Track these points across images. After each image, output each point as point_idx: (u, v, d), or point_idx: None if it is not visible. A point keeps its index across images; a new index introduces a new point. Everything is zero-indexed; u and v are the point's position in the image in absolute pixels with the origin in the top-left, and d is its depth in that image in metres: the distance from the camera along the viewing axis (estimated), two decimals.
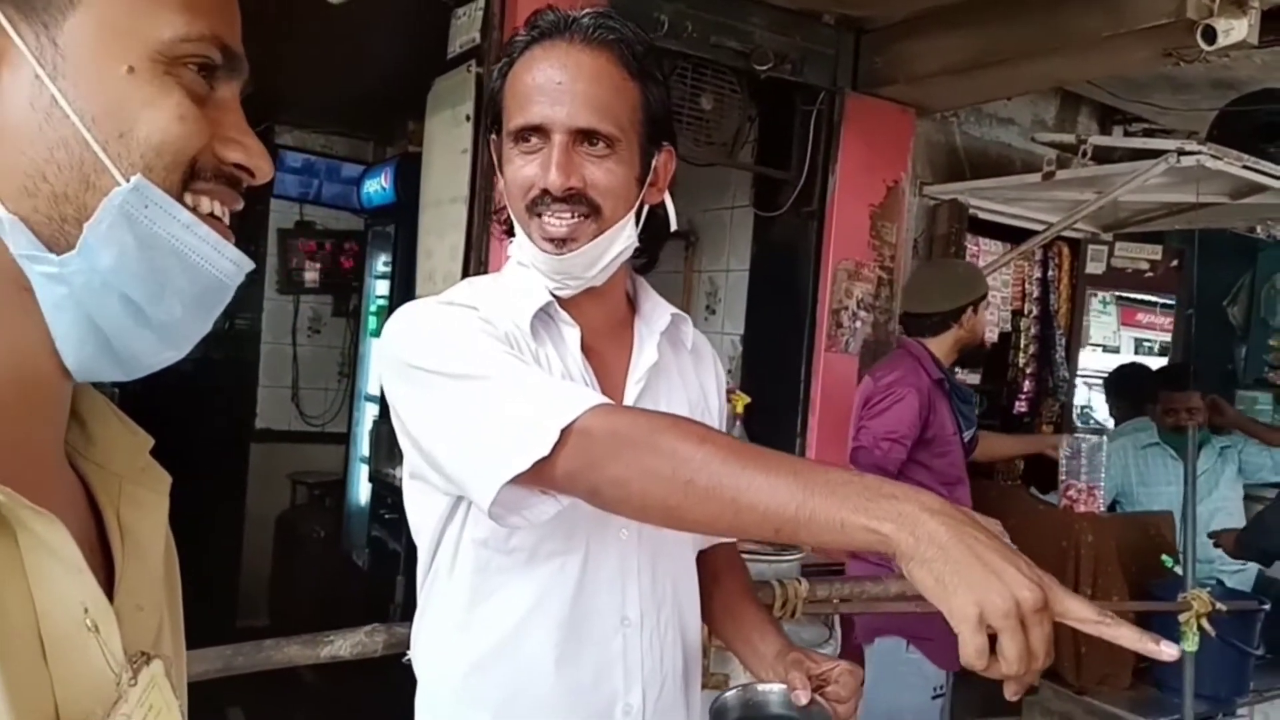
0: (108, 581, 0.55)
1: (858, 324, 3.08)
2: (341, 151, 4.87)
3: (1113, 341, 4.52)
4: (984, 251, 3.54)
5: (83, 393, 0.60)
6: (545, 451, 0.87)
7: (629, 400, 1.13)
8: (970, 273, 2.83)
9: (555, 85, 1.02)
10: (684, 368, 1.21)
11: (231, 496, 4.62)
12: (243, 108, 0.58)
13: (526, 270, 1.11)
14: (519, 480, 0.89)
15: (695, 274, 3.62)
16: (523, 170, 1.05)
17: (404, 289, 3.70)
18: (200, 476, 4.10)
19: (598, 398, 0.92)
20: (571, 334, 1.10)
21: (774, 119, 3.14)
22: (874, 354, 3.07)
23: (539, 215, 1.05)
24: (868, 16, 2.91)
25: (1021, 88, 3.23)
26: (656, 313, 1.18)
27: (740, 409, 3.10)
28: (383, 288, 4.35)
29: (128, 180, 0.51)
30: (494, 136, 1.11)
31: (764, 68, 2.80)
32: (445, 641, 1.11)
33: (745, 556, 1.99)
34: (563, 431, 0.87)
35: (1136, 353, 4.49)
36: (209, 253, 0.55)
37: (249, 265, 0.57)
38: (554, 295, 1.10)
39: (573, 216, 1.05)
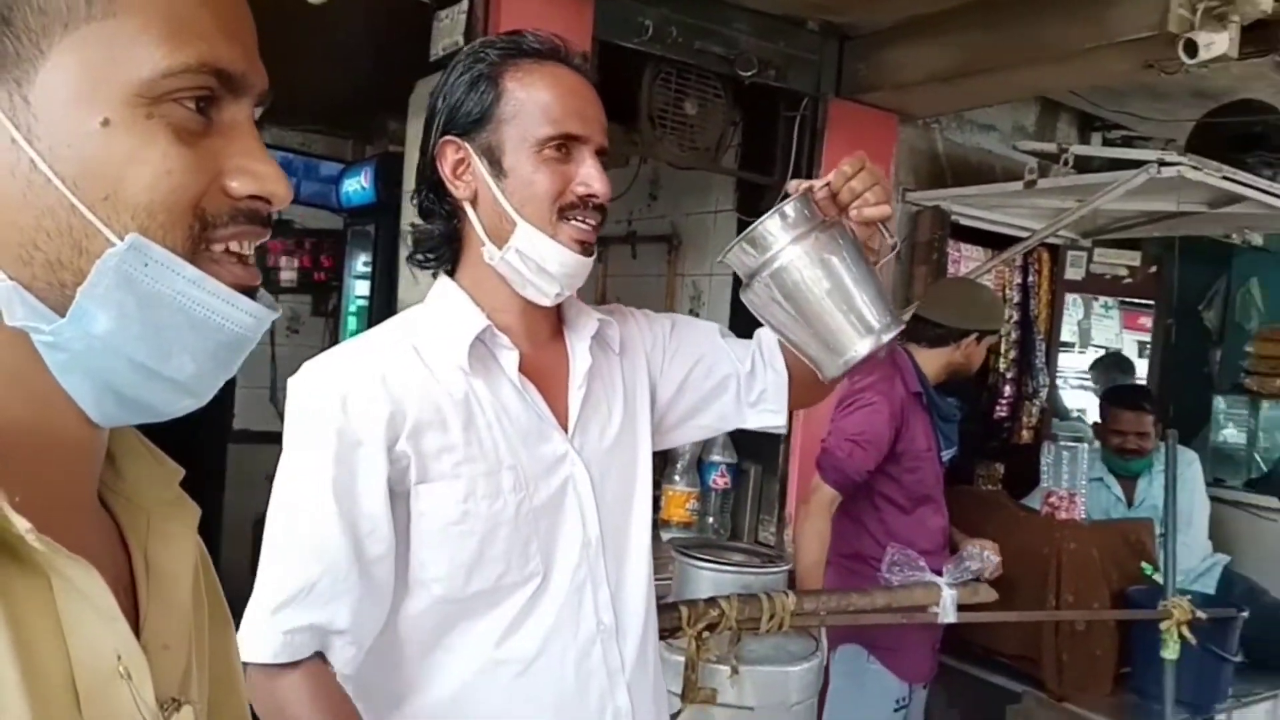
0: (135, 620, 0.55)
1: None
2: (320, 149, 4.82)
3: (1115, 344, 4.58)
4: (965, 258, 3.55)
5: (115, 429, 0.58)
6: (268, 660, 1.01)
7: (573, 409, 1.16)
8: (992, 302, 2.76)
9: (588, 103, 1.11)
10: (612, 370, 1.24)
11: (210, 497, 4.57)
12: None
13: (458, 298, 1.13)
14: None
15: (678, 277, 3.61)
16: (555, 175, 1.08)
17: (385, 289, 3.67)
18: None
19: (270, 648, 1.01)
20: (509, 357, 1.12)
21: (757, 124, 3.13)
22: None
23: (570, 220, 1.09)
24: (851, 23, 2.91)
25: (1004, 96, 3.24)
26: (582, 319, 1.22)
27: None
28: (362, 287, 4.31)
29: (122, 240, 0.48)
30: (453, 137, 1.10)
31: (748, 73, 2.79)
32: (409, 681, 1.11)
33: (732, 570, 1.99)
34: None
35: (1140, 356, 4.55)
36: (220, 306, 0.51)
37: (268, 315, 0.53)
38: (492, 320, 1.12)
39: (596, 224, 1.11)
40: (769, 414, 1.31)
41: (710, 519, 3.03)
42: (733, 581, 1.91)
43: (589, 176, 1.08)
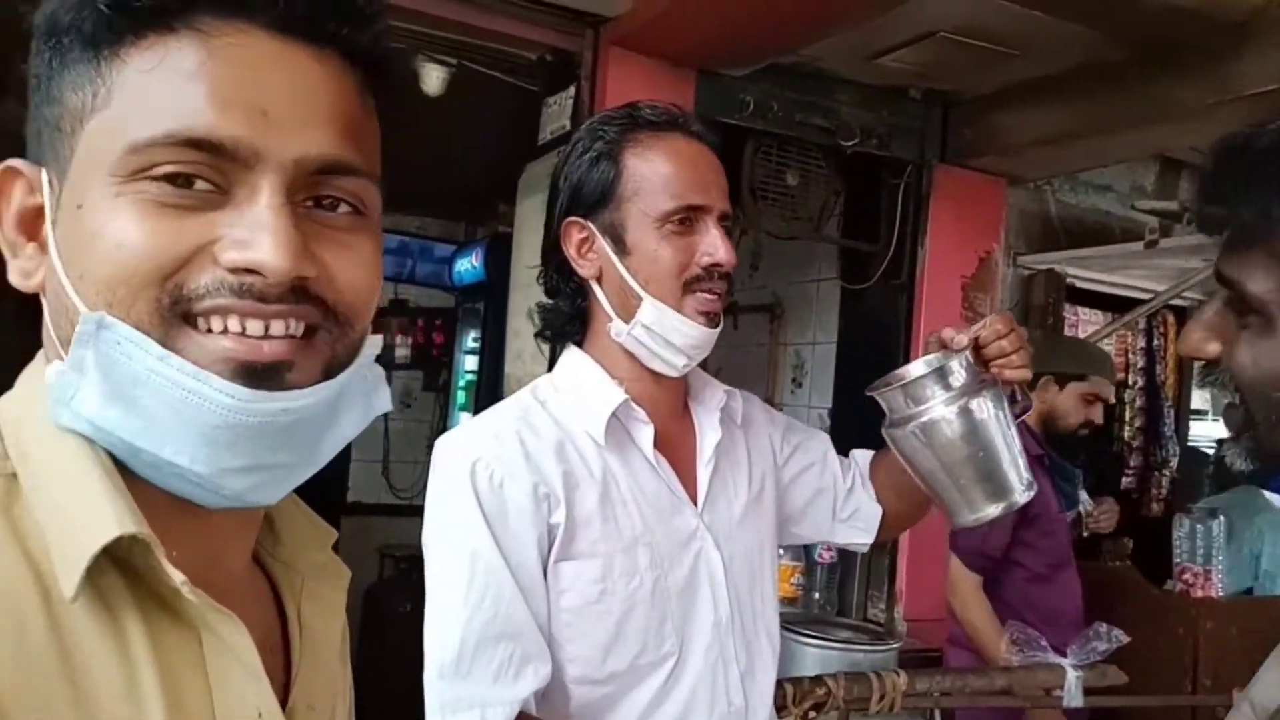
0: (286, 677, 0.57)
1: None
2: (434, 232, 5.05)
3: None
4: (1084, 321, 3.43)
5: None
6: None
7: (701, 484, 1.14)
8: (1072, 347, 2.66)
9: (708, 171, 1.11)
10: (736, 444, 1.22)
11: None
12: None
13: (591, 370, 1.13)
14: None
15: (781, 347, 3.59)
16: (679, 248, 1.08)
17: (493, 365, 3.77)
18: None
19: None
20: (645, 432, 1.11)
21: (861, 192, 3.12)
22: None
23: (696, 292, 1.09)
24: (956, 90, 2.89)
25: (1118, 156, 3.15)
26: (708, 391, 1.21)
27: None
28: (471, 363, 4.44)
29: (91, 319, 0.47)
30: (576, 218, 1.12)
31: (850, 143, 2.80)
32: None
33: (839, 648, 1.93)
34: None
35: None
36: (192, 385, 0.47)
37: (258, 397, 0.48)
38: (627, 394, 1.11)
39: (722, 293, 1.12)
40: (858, 532, 1.32)
41: (816, 595, 2.94)
42: (840, 659, 1.85)
43: (713, 246, 1.08)
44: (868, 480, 1.32)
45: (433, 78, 2.79)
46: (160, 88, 0.48)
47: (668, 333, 1.08)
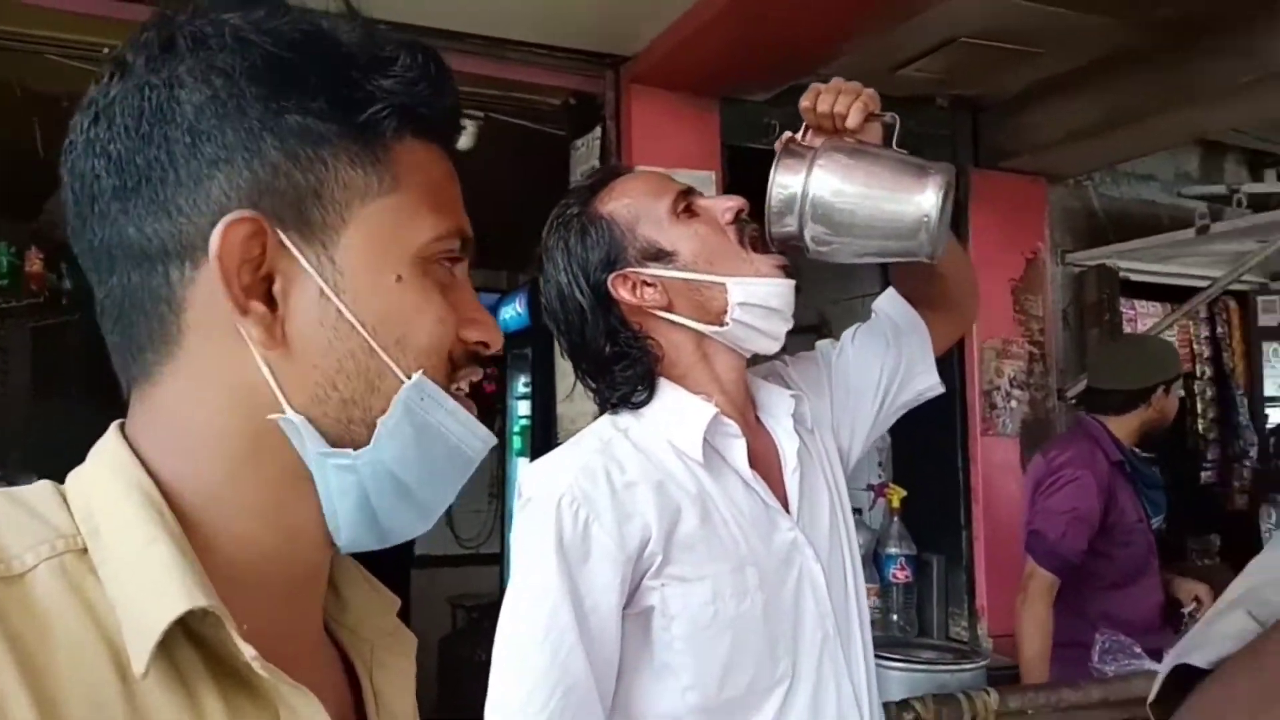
0: None
1: (1013, 404, 2.92)
2: (478, 283, 4.96)
3: None
4: (1141, 315, 3.34)
5: (336, 558, 0.61)
6: None
7: (792, 493, 1.13)
8: (1163, 350, 2.63)
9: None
10: (809, 450, 1.20)
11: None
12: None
13: (672, 391, 1.12)
14: None
15: None
16: (706, 222, 1.12)
17: (544, 408, 3.78)
18: None
19: None
20: (738, 447, 1.09)
21: None
22: (1035, 435, 2.90)
23: (756, 251, 1.11)
24: (982, 94, 2.86)
25: (1158, 144, 3.08)
26: (774, 399, 1.18)
27: (896, 503, 2.97)
28: (524, 408, 4.47)
29: (409, 378, 0.54)
30: (611, 276, 1.12)
31: None
32: None
33: (924, 669, 1.88)
34: None
35: None
36: (465, 434, 0.57)
37: (493, 440, 0.60)
38: (723, 410, 1.10)
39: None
40: (921, 377, 1.31)
41: (894, 616, 2.87)
42: (926, 681, 1.79)
43: (722, 202, 1.12)
44: (899, 308, 1.32)
45: (464, 133, 2.84)
46: (439, 188, 0.58)
47: (766, 299, 1.09)
